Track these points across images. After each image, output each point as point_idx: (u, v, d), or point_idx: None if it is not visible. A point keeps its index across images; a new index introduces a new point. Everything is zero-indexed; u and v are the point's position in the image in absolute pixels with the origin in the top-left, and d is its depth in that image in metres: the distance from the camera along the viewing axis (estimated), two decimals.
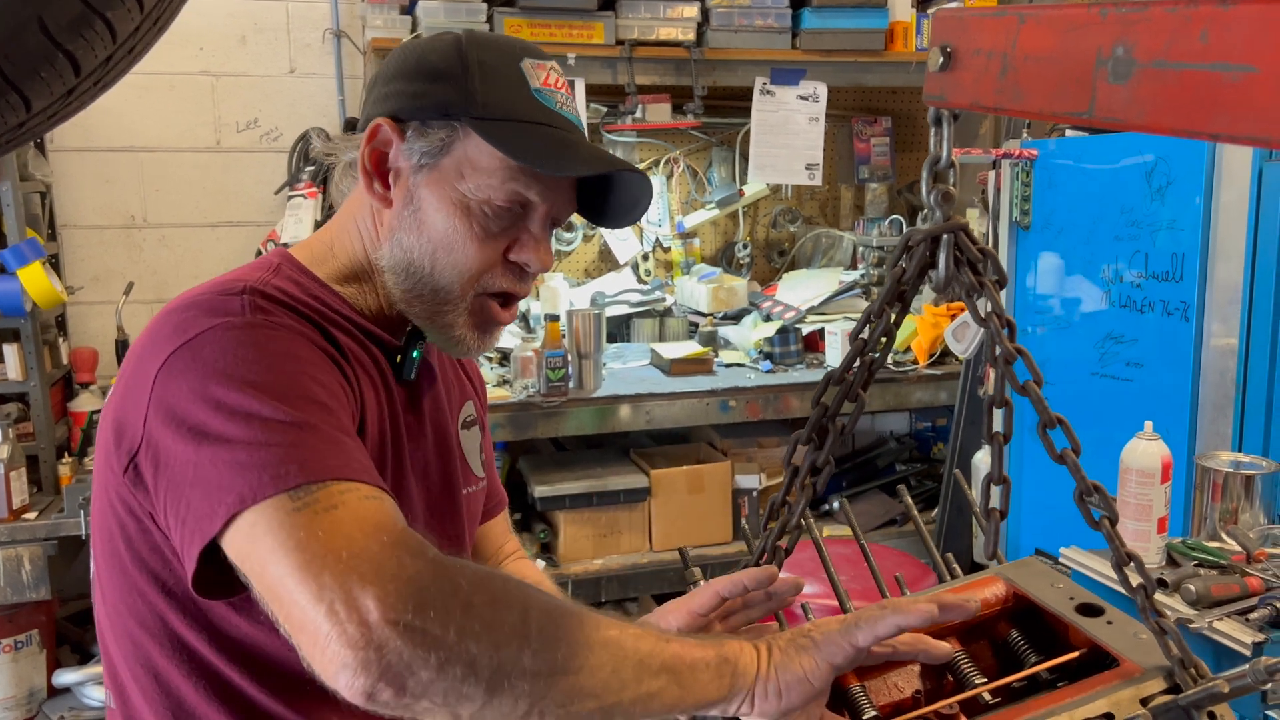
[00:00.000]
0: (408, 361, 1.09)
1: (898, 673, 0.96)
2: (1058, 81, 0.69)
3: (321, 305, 1.03)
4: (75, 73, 0.71)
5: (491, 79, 1.02)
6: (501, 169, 1.01)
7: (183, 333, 0.90)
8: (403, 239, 1.05)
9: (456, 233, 1.03)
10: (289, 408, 0.85)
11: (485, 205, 1.02)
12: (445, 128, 1.02)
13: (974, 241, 0.88)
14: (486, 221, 1.03)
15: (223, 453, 0.82)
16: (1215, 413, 2.19)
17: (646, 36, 3.29)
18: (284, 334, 0.93)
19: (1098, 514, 0.84)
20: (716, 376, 3.17)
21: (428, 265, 1.04)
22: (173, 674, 0.96)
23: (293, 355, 0.91)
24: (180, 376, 0.87)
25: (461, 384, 1.26)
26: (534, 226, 1.05)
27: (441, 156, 1.02)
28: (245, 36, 3.45)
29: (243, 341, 0.89)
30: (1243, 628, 1.48)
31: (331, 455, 0.84)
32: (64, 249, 3.33)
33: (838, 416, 0.95)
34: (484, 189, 1.02)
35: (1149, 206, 2.35)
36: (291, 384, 0.88)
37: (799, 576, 1.00)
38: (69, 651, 3.03)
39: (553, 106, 1.04)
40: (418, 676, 0.74)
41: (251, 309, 0.93)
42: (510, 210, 1.03)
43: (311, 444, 0.83)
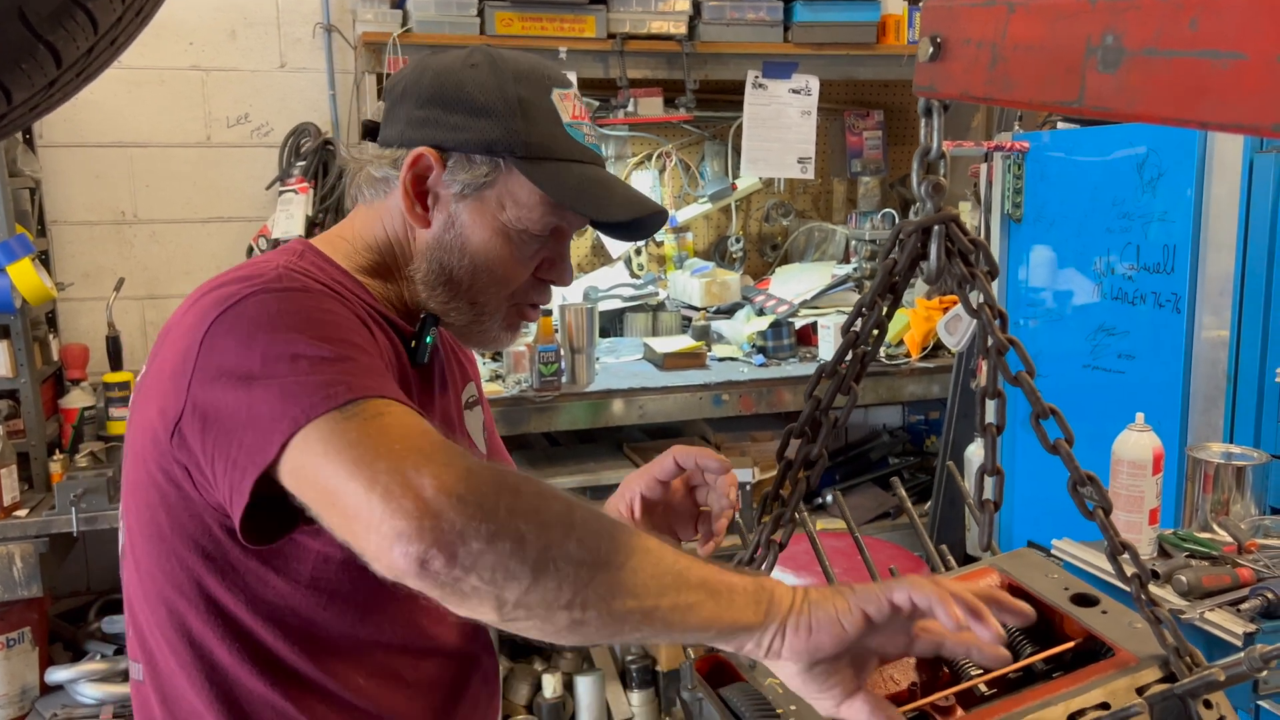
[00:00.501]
0: (421, 347, 1.16)
1: (893, 665, 0.96)
2: (1047, 71, 0.69)
3: (343, 289, 1.09)
4: (57, 64, 0.71)
5: (531, 117, 1.11)
6: (541, 204, 1.11)
7: (222, 303, 0.96)
8: (442, 258, 1.14)
9: (496, 256, 1.13)
10: (331, 346, 0.92)
11: (523, 234, 1.13)
12: (489, 164, 1.11)
13: (965, 232, 0.88)
14: (525, 247, 1.14)
15: (272, 388, 0.88)
16: (1206, 404, 2.19)
17: (638, 30, 3.29)
18: (318, 296, 1.00)
19: (1092, 504, 0.84)
20: (709, 371, 3.17)
21: (466, 282, 1.14)
22: (208, 637, 1.02)
23: (329, 310, 0.99)
24: (224, 337, 0.93)
25: (462, 367, 1.33)
26: (561, 248, 1.18)
27: (484, 190, 1.11)
28: (235, 31, 3.43)
29: (282, 300, 0.96)
30: (1234, 618, 1.48)
31: (373, 380, 0.90)
32: (54, 245, 3.31)
33: (830, 409, 0.95)
34: (524, 220, 1.12)
35: (1141, 199, 2.35)
36: (331, 330, 0.95)
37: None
38: (61, 649, 3.02)
39: (582, 140, 1.14)
40: (469, 546, 0.76)
41: (287, 278, 1.01)
42: (542, 236, 1.14)
43: (354, 371, 0.90)
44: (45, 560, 2.65)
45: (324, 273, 1.09)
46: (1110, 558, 0.85)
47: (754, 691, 0.87)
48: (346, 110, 3.50)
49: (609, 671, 3.16)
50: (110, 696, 2.78)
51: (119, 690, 2.80)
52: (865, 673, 0.81)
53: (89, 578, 3.35)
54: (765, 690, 0.86)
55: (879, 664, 0.84)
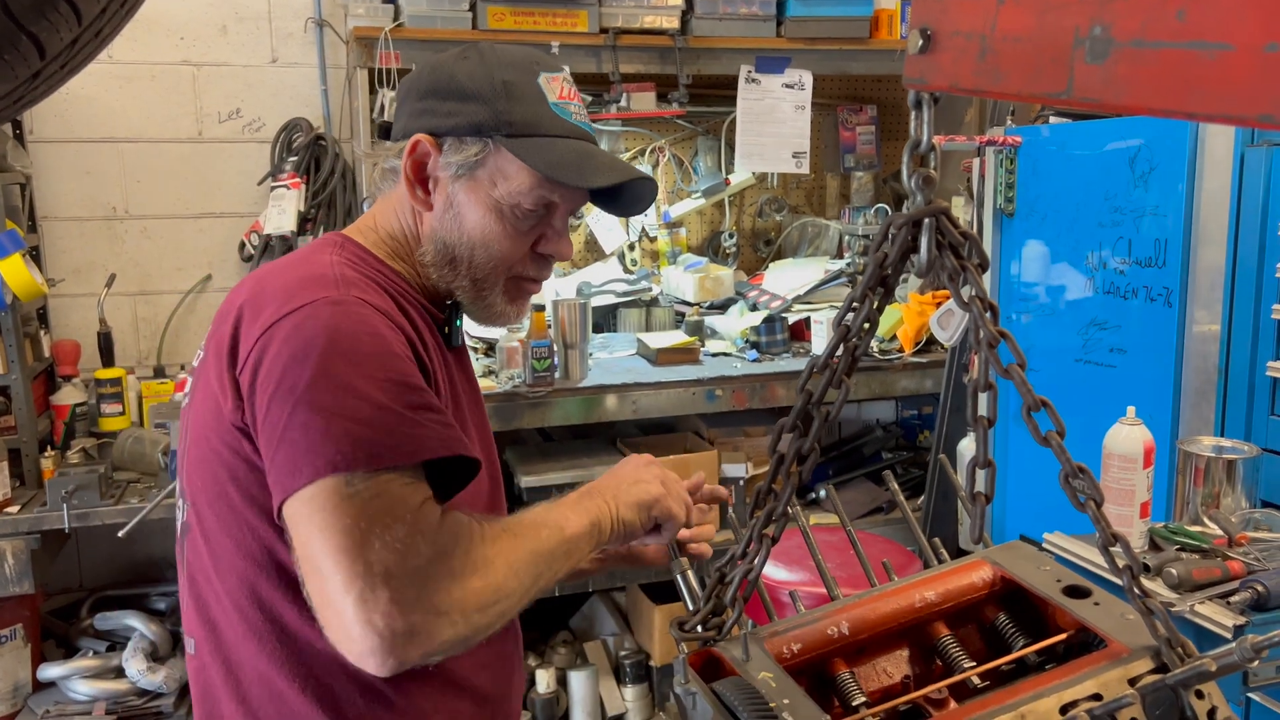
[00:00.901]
0: (454, 330, 1.28)
1: (886, 658, 0.96)
2: (1036, 62, 0.69)
3: (385, 279, 1.19)
4: (40, 56, 0.70)
5: (516, 97, 1.18)
6: (530, 179, 1.18)
7: (290, 300, 1.05)
8: (444, 238, 1.22)
9: (491, 232, 1.20)
10: (375, 388, 1.00)
11: (516, 209, 1.19)
12: (479, 144, 1.19)
13: (955, 225, 0.87)
14: (517, 222, 1.20)
15: (315, 420, 0.98)
16: (1198, 398, 2.20)
17: (630, 25, 3.28)
18: (372, 314, 1.07)
19: (1083, 497, 0.84)
20: (703, 366, 3.16)
21: (466, 258, 1.21)
22: (277, 600, 1.09)
23: (380, 335, 1.06)
24: (285, 344, 1.02)
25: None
26: (557, 223, 1.24)
27: (476, 169, 1.19)
28: (226, 26, 3.42)
29: (340, 318, 1.04)
30: (1224, 611, 1.49)
31: (400, 436, 1.00)
32: (44, 241, 3.30)
33: (822, 403, 0.95)
34: (514, 196, 1.19)
35: (1133, 193, 2.35)
36: (381, 362, 1.03)
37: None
38: (54, 646, 3.02)
39: (569, 118, 1.20)
40: (432, 645, 0.96)
41: (345, 284, 1.09)
42: (536, 211, 1.21)
43: (387, 424, 1.00)
44: (37, 557, 2.65)
45: (366, 264, 1.19)
46: (1102, 550, 0.85)
47: (747, 685, 0.87)
48: (338, 105, 3.50)
49: (603, 666, 3.17)
50: (103, 693, 2.78)
51: (111, 687, 2.80)
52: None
53: (81, 574, 3.34)
54: (759, 684, 0.87)
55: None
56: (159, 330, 3.43)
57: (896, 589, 0.98)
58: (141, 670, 2.79)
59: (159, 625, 2.91)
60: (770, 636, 0.93)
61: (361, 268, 1.18)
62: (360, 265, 1.18)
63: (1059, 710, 0.80)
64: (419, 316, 1.20)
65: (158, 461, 2.79)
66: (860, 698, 0.89)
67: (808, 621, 0.95)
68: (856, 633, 0.95)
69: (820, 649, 0.94)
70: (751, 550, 0.97)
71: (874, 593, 0.98)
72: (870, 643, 0.96)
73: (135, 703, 2.78)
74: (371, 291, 1.12)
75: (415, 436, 1.01)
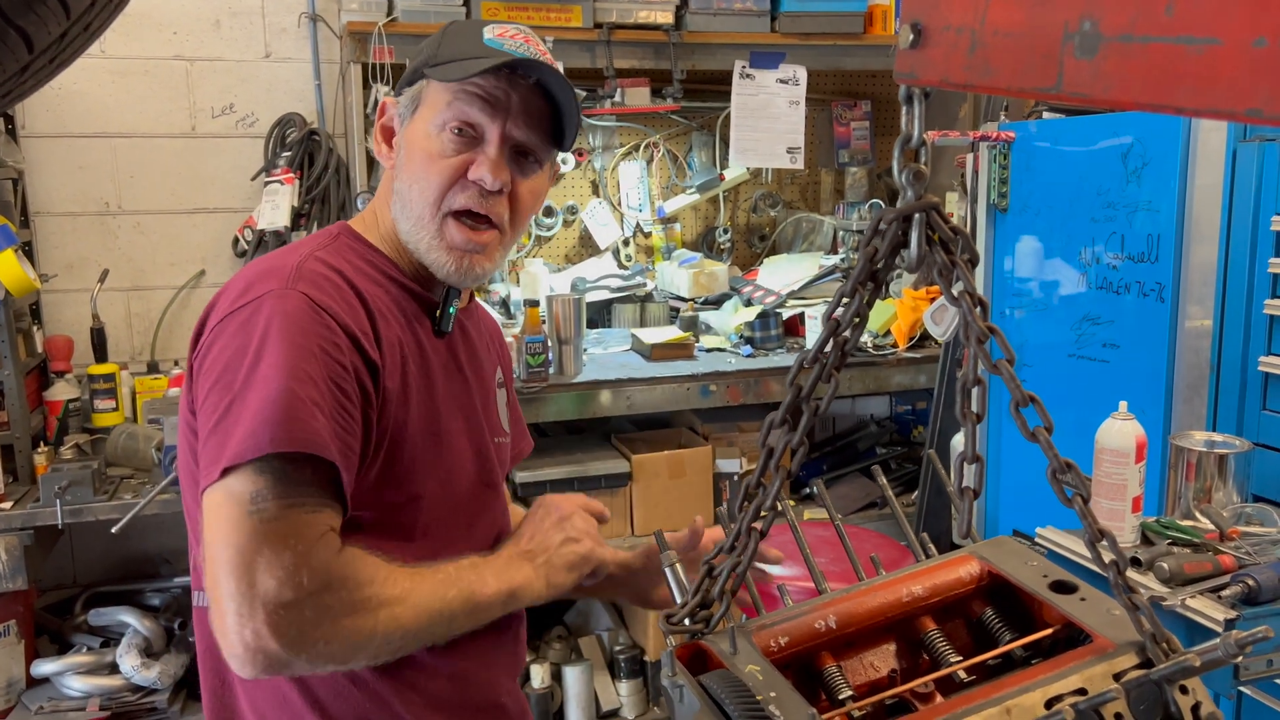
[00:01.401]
0: (445, 316, 1.28)
1: (873, 652, 0.96)
2: (1026, 57, 0.69)
3: (371, 267, 1.22)
4: (28, 50, 0.70)
5: (451, 37, 1.23)
6: (446, 96, 1.20)
7: (244, 294, 1.12)
8: (399, 186, 1.24)
9: (423, 162, 1.21)
10: (297, 381, 1.04)
11: (441, 132, 1.20)
12: (417, 86, 1.24)
13: (945, 221, 0.87)
14: (444, 147, 1.20)
15: (233, 417, 1.04)
16: (1190, 393, 2.20)
17: (625, 20, 3.28)
18: (306, 310, 1.10)
19: (1070, 492, 0.84)
20: (697, 361, 3.17)
21: (408, 196, 1.22)
22: None
23: (306, 331, 1.09)
24: (231, 338, 1.09)
25: (492, 351, 1.44)
26: (489, 148, 1.21)
27: (414, 108, 1.24)
28: (219, 21, 3.41)
29: (276, 314, 1.08)
30: (1215, 605, 1.49)
31: (311, 430, 1.04)
32: (37, 236, 3.29)
33: (812, 398, 0.95)
34: (438, 118, 1.20)
35: (1125, 188, 2.35)
36: (307, 357, 1.07)
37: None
38: (47, 642, 3.01)
39: (501, 47, 1.20)
40: (292, 669, 1.05)
41: (297, 278, 1.12)
42: (462, 134, 1.20)
43: (301, 419, 1.03)
44: (30, 553, 2.64)
45: (354, 252, 1.23)
46: (1089, 545, 0.85)
47: (734, 679, 0.87)
48: (332, 100, 3.49)
49: (597, 661, 3.17)
50: (97, 689, 2.78)
51: (105, 683, 2.79)
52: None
53: (75, 570, 3.33)
54: (745, 678, 0.87)
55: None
56: (152, 326, 3.43)
57: (884, 583, 0.98)
58: (135, 666, 2.79)
59: (153, 621, 2.91)
60: (758, 630, 0.93)
61: (343, 257, 1.20)
62: (344, 254, 1.21)
63: (1044, 705, 0.80)
64: (396, 305, 1.22)
65: (151, 457, 2.79)
66: (847, 691, 0.89)
67: (796, 615, 0.95)
68: (844, 626, 0.95)
69: (808, 642, 0.94)
70: (740, 544, 0.97)
71: (861, 587, 0.99)
72: (858, 637, 0.96)
73: (129, 699, 2.78)
74: (325, 286, 1.13)
75: (308, 429, 1.04)
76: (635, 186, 3.81)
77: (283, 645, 1.00)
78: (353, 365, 1.12)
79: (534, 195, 1.28)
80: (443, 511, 1.25)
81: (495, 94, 1.20)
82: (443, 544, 1.24)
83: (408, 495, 1.21)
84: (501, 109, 1.20)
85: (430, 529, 1.24)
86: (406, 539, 1.21)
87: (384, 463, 1.18)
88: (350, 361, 1.11)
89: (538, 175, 1.27)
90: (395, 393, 1.18)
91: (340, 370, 1.10)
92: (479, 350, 1.37)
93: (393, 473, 1.19)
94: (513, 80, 1.20)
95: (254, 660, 1.01)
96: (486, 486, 1.34)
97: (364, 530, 1.17)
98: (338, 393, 1.09)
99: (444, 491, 1.25)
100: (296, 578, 1.01)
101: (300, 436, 1.03)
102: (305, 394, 1.05)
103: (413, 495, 1.21)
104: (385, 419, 1.17)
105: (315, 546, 1.04)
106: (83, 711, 2.74)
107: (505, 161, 1.22)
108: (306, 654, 1.03)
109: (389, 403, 1.17)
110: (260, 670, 1.02)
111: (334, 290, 1.14)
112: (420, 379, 1.22)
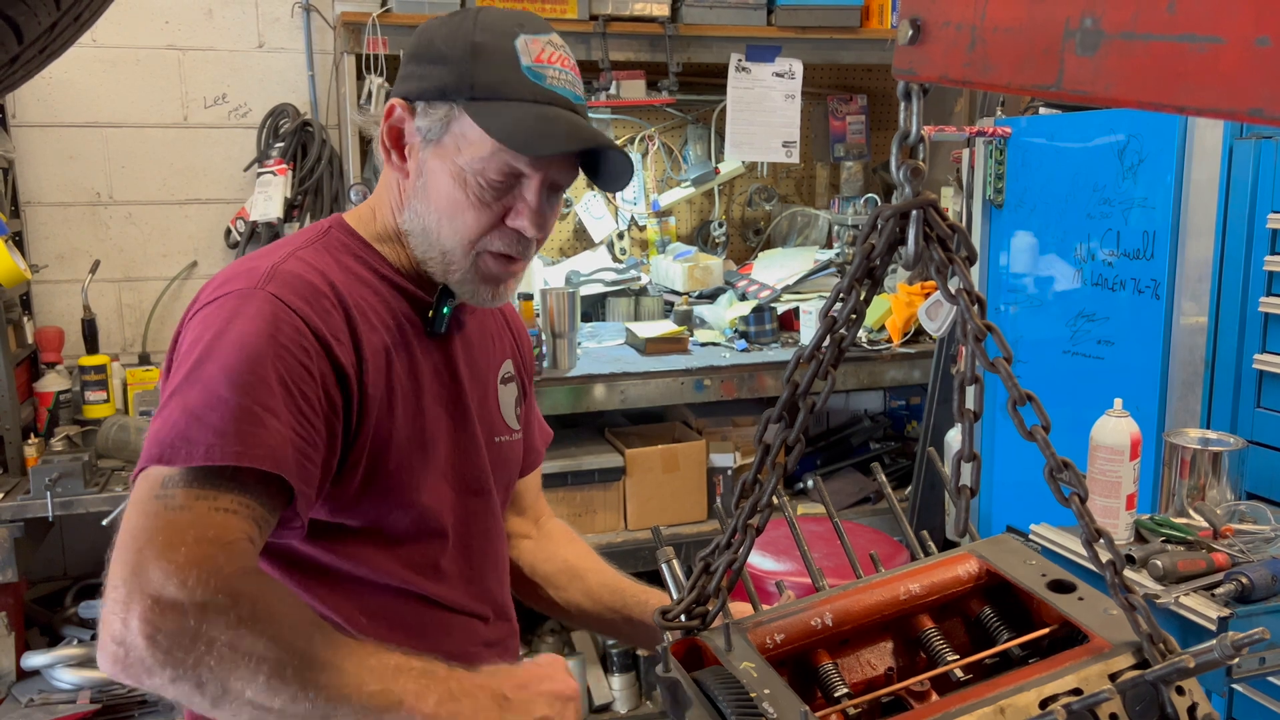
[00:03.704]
0: (438, 317, 1.22)
1: (870, 650, 0.96)
2: (1026, 53, 0.68)
3: (360, 264, 1.18)
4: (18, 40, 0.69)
5: (484, 60, 1.13)
6: (490, 145, 1.12)
7: (216, 290, 1.09)
8: (417, 206, 1.18)
9: (456, 201, 1.15)
10: (231, 388, 1.00)
11: (480, 177, 1.14)
12: (444, 108, 1.14)
13: (943, 218, 0.87)
14: (482, 191, 1.14)
15: (173, 412, 1.01)
16: (1184, 390, 2.20)
17: (620, 12, 3.26)
18: (275, 309, 1.06)
19: (1068, 490, 0.84)
20: (691, 355, 3.16)
21: (435, 229, 1.17)
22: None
23: (264, 335, 1.05)
24: (192, 334, 1.07)
25: (503, 342, 1.39)
26: (529, 195, 1.16)
27: (442, 135, 1.15)
28: (212, 10, 3.39)
29: (238, 313, 1.05)
30: (1209, 602, 1.50)
31: (246, 440, 0.99)
32: (27, 227, 3.27)
33: (809, 394, 0.94)
34: (477, 163, 1.13)
35: (1121, 185, 2.35)
36: (260, 360, 1.02)
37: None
38: (38, 634, 3.00)
39: (542, 83, 1.14)
40: (152, 681, 0.91)
41: (269, 277, 1.09)
42: (504, 181, 1.15)
43: (240, 431, 0.99)
44: (20, 545, 2.63)
45: (346, 250, 1.19)
46: (1086, 544, 0.85)
47: (728, 675, 0.86)
48: (325, 91, 3.47)
49: (590, 655, 3.17)
50: (88, 681, 2.77)
51: (96, 675, 2.78)
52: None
53: (65, 562, 3.32)
54: (740, 674, 0.86)
55: None
56: (143, 317, 3.41)
57: (881, 581, 0.98)
58: None
59: None
60: (754, 627, 0.93)
61: (331, 254, 1.17)
62: (333, 251, 1.17)
63: (1038, 704, 0.80)
64: (385, 305, 1.18)
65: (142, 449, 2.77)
66: (842, 689, 0.89)
67: (792, 612, 0.95)
68: (840, 624, 0.94)
69: (804, 640, 0.93)
70: (736, 540, 0.97)
71: (859, 584, 0.98)
72: (854, 634, 0.96)
73: (120, 691, 2.77)
74: (300, 287, 1.09)
75: (247, 438, 0.98)
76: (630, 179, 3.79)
77: (150, 648, 0.89)
78: (319, 372, 1.07)
79: (557, 217, 1.26)
80: (429, 520, 1.21)
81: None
82: (430, 553, 1.22)
83: (393, 503, 1.18)
84: (546, 160, 1.15)
85: (418, 537, 1.21)
86: (392, 546, 1.18)
87: (367, 470, 1.14)
88: (318, 368, 1.07)
89: (561, 199, 1.25)
90: (378, 400, 1.14)
91: (303, 374, 1.05)
92: (482, 345, 1.33)
93: (377, 481, 1.15)
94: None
95: (114, 656, 0.90)
96: (475, 495, 1.29)
97: (349, 536, 1.15)
98: (297, 398, 1.03)
99: (431, 500, 1.21)
100: (184, 576, 0.91)
101: (233, 449, 0.97)
102: (250, 400, 0.99)
103: (399, 503, 1.18)
104: (366, 426, 1.13)
105: (215, 550, 0.94)
106: (73, 704, 2.73)
107: (544, 206, 1.18)
108: (172, 669, 0.90)
109: (370, 410, 1.13)
110: (119, 669, 0.91)
111: (309, 292, 1.10)
112: (407, 384, 1.19)
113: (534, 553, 1.51)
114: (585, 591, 1.46)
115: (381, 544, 1.17)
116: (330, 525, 1.15)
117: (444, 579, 1.24)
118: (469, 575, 1.28)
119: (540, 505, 1.57)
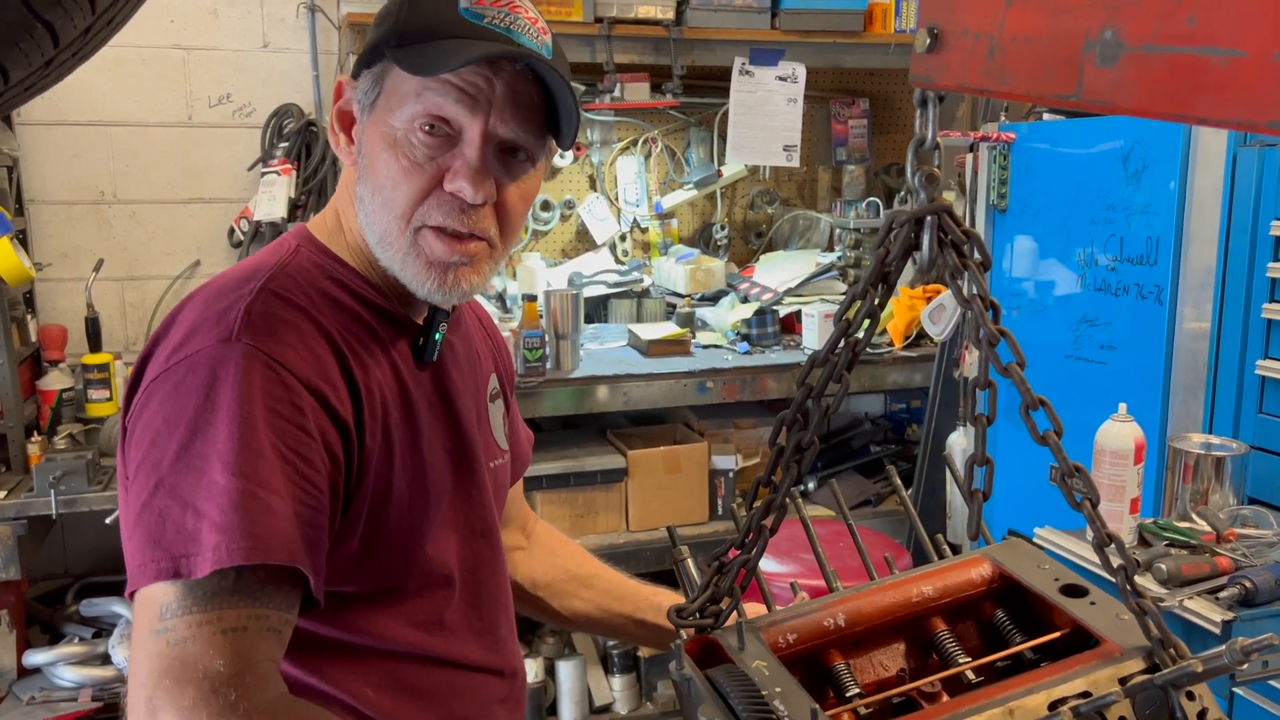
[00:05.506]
0: (429, 345, 1.09)
1: (883, 651, 0.97)
2: (1045, 64, 0.69)
3: (337, 287, 1.03)
4: (54, 44, 0.69)
5: (419, 6, 1.00)
6: (414, 84, 0.98)
7: (185, 344, 0.93)
8: (361, 191, 1.03)
9: (389, 168, 1.00)
10: (228, 471, 0.88)
11: (411, 134, 0.99)
12: (379, 66, 1.01)
13: (957, 223, 0.88)
14: (413, 150, 0.99)
15: (169, 508, 0.87)
16: (1187, 395, 2.22)
17: (625, 14, 3.27)
18: (257, 366, 0.92)
19: (1079, 495, 0.84)
20: (694, 358, 3.17)
21: (371, 206, 1.02)
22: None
23: (265, 398, 0.92)
24: (163, 403, 0.91)
25: (486, 355, 1.27)
26: (468, 150, 0.99)
27: (376, 96, 1.01)
28: (217, 10, 3.39)
29: (219, 375, 0.91)
30: (1213, 606, 1.51)
31: (252, 533, 0.87)
32: (32, 225, 3.27)
33: (822, 397, 0.95)
34: (404, 113, 0.99)
35: (1124, 190, 2.36)
36: (254, 431, 0.90)
37: None
38: (39, 632, 3.00)
39: (480, 21, 0.98)
40: None
41: (244, 324, 0.94)
42: (435, 134, 0.99)
43: (245, 524, 0.87)
44: (23, 543, 2.63)
45: (320, 270, 1.03)
46: (1096, 549, 0.85)
47: (741, 673, 0.87)
48: (330, 92, 3.47)
49: (590, 656, 3.18)
50: (89, 679, 2.77)
51: (97, 673, 2.79)
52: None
53: (67, 560, 3.32)
54: (752, 673, 0.87)
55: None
56: (147, 315, 3.42)
57: (894, 583, 0.99)
58: (127, 657, 2.78)
59: None
60: (767, 626, 0.94)
61: (305, 279, 1.01)
62: (306, 275, 1.02)
63: (1047, 706, 0.81)
64: (369, 333, 1.04)
65: None
66: (854, 689, 0.90)
67: (805, 612, 0.96)
68: (853, 625, 0.95)
69: (816, 640, 0.94)
70: (750, 541, 0.98)
71: (872, 586, 0.99)
72: (867, 635, 0.96)
73: (121, 689, 2.78)
74: (282, 331, 0.95)
75: (252, 530, 0.87)
76: (633, 182, 3.81)
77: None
78: (318, 429, 0.94)
79: (525, 199, 1.06)
80: (434, 571, 1.10)
81: (475, 83, 0.98)
82: (435, 607, 1.11)
83: (396, 561, 1.06)
84: (483, 101, 0.98)
85: (422, 590, 1.09)
86: (395, 605, 1.07)
87: (366, 529, 1.02)
88: (315, 425, 0.94)
89: (529, 175, 1.06)
90: (377, 451, 1.01)
91: (300, 437, 0.92)
92: (470, 364, 1.20)
93: (378, 539, 1.03)
94: (496, 65, 0.98)
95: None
96: (480, 537, 1.18)
97: (348, 603, 1.03)
98: (298, 464, 0.91)
99: (435, 550, 1.10)
100: (196, 713, 0.82)
101: (240, 545, 0.86)
102: (250, 482, 0.87)
103: (401, 559, 1.07)
104: (365, 482, 1.01)
105: (227, 687, 0.83)
106: (74, 702, 2.73)
107: (489, 165, 1.00)
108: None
109: (370, 462, 1.00)
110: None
111: (292, 337, 0.95)
112: (404, 428, 1.06)
113: (530, 565, 1.43)
114: (592, 600, 1.40)
115: (383, 604, 1.06)
116: (327, 594, 0.98)
117: (452, 634, 1.13)
118: (478, 627, 1.17)
119: (526, 511, 1.47)
